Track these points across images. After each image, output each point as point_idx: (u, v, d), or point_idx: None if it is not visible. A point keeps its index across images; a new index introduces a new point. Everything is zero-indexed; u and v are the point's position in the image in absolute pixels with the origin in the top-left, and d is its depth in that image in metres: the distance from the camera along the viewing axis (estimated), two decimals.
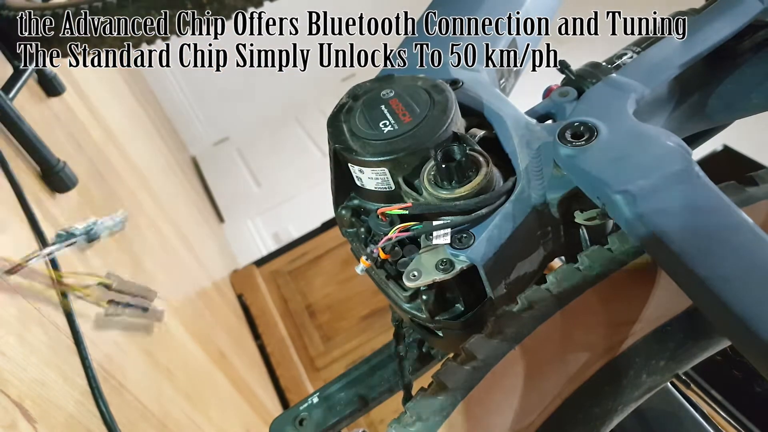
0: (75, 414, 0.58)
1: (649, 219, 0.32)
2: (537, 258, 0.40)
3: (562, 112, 0.42)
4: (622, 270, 0.37)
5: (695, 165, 0.33)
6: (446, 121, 0.37)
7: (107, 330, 0.74)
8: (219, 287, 1.68)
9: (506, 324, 0.36)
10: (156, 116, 1.92)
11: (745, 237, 0.30)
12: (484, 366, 0.35)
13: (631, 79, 0.41)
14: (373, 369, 0.54)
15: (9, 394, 0.49)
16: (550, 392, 0.34)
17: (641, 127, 0.36)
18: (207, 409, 0.99)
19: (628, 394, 0.34)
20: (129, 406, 0.70)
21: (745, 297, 0.28)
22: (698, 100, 0.47)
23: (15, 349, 0.52)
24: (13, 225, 0.64)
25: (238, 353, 1.48)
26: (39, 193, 0.74)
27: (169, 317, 1.03)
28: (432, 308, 0.39)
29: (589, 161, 0.35)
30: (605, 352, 0.35)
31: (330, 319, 1.90)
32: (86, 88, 1.16)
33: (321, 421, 0.52)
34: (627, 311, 0.35)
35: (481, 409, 0.34)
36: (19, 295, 0.57)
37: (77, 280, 0.65)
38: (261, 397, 1.47)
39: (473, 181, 0.37)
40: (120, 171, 1.15)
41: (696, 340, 0.35)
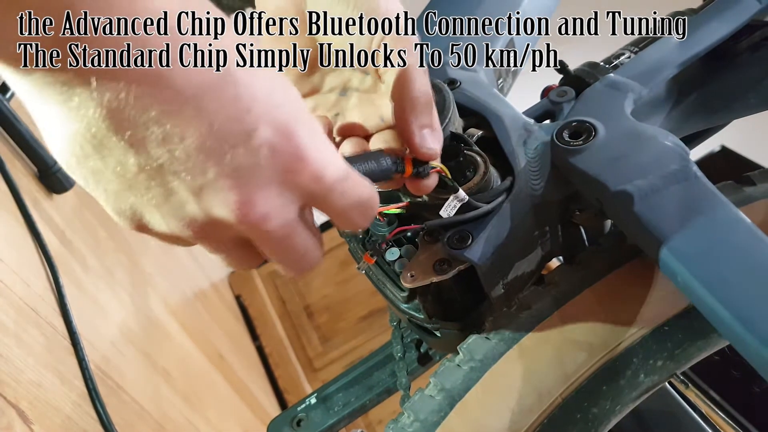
0: (72, 415, 0.57)
1: (647, 219, 0.32)
2: (535, 258, 0.40)
3: (560, 111, 0.42)
4: (620, 270, 0.37)
5: (693, 164, 0.33)
6: (444, 120, 0.37)
7: (104, 331, 0.74)
8: (217, 288, 1.68)
9: (505, 323, 0.36)
10: None
11: (743, 237, 0.30)
12: (481, 366, 0.35)
13: (628, 78, 0.41)
14: (372, 370, 0.54)
15: (5, 395, 0.48)
16: (548, 393, 0.34)
17: (639, 126, 0.36)
18: (205, 410, 0.98)
19: (626, 395, 0.34)
20: (126, 408, 0.69)
21: (742, 297, 0.28)
22: (696, 100, 0.47)
23: (12, 350, 0.52)
24: (10, 225, 0.64)
25: (236, 354, 1.48)
26: (36, 193, 0.74)
27: (167, 318, 1.03)
28: (430, 308, 0.39)
29: (587, 161, 0.35)
30: (603, 352, 0.35)
31: (328, 319, 1.90)
32: None
33: (319, 421, 0.52)
34: (625, 311, 0.35)
35: (479, 410, 0.34)
36: (17, 297, 0.57)
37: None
38: (259, 398, 1.47)
39: (471, 181, 0.37)
40: None
41: (694, 340, 0.35)
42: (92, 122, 0.22)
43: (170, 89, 0.22)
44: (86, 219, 0.85)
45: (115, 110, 0.22)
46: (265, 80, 0.25)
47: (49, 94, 0.22)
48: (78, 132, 0.22)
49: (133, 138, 0.22)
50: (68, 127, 0.23)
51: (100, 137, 0.22)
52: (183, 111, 0.22)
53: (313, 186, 0.25)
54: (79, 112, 0.22)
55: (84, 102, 0.22)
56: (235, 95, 0.23)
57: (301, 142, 0.24)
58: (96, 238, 0.86)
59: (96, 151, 0.23)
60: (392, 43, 0.32)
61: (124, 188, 0.24)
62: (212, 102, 0.23)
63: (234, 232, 0.25)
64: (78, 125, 0.22)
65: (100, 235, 0.88)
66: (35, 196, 0.73)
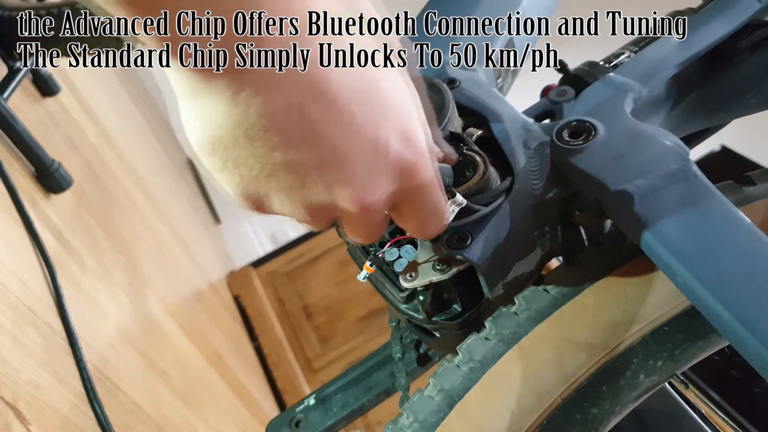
0: (70, 416, 0.57)
1: (647, 218, 0.32)
2: (534, 258, 0.40)
3: (560, 111, 0.42)
4: (620, 270, 0.36)
5: (693, 164, 0.33)
6: (443, 120, 0.37)
7: (102, 331, 0.74)
8: (215, 288, 1.67)
9: (505, 323, 0.36)
10: (152, 116, 1.92)
11: (743, 237, 0.30)
12: (480, 367, 0.35)
13: (628, 78, 0.40)
14: (371, 370, 0.54)
15: (3, 396, 0.48)
16: (548, 393, 0.34)
17: (639, 126, 0.36)
18: (203, 411, 0.98)
19: (626, 395, 0.34)
20: (124, 408, 0.69)
21: (742, 297, 0.28)
22: (696, 100, 0.47)
23: (9, 350, 0.52)
24: (7, 225, 0.64)
25: (235, 355, 1.47)
26: (33, 193, 0.74)
27: (165, 318, 1.02)
28: (429, 309, 0.39)
29: (587, 161, 0.35)
30: (603, 352, 0.34)
31: (327, 320, 1.90)
32: (82, 89, 1.16)
33: (317, 422, 0.52)
34: (625, 312, 0.35)
35: (478, 410, 0.34)
36: (14, 297, 0.57)
37: None
38: (257, 398, 1.46)
39: (470, 181, 0.36)
40: (115, 171, 1.14)
41: (694, 340, 0.35)
42: (252, 118, 0.23)
43: (328, 95, 0.23)
44: (84, 219, 0.85)
45: (275, 112, 0.23)
46: (399, 88, 0.26)
47: (214, 86, 0.23)
48: (235, 123, 0.23)
49: (286, 136, 0.24)
50: (224, 118, 0.23)
51: (255, 131, 0.23)
52: (337, 116, 0.24)
53: (414, 188, 0.28)
54: (241, 108, 0.23)
55: (245, 100, 0.23)
56: (379, 103, 0.25)
57: (419, 151, 0.27)
58: (94, 238, 0.86)
59: (248, 142, 0.24)
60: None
61: (262, 176, 0.25)
62: (361, 108, 0.24)
63: (339, 214, 0.28)
64: (237, 118, 0.23)
65: (98, 236, 0.88)
66: (33, 196, 0.73)
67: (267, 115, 0.23)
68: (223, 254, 2.13)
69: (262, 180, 0.25)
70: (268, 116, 0.23)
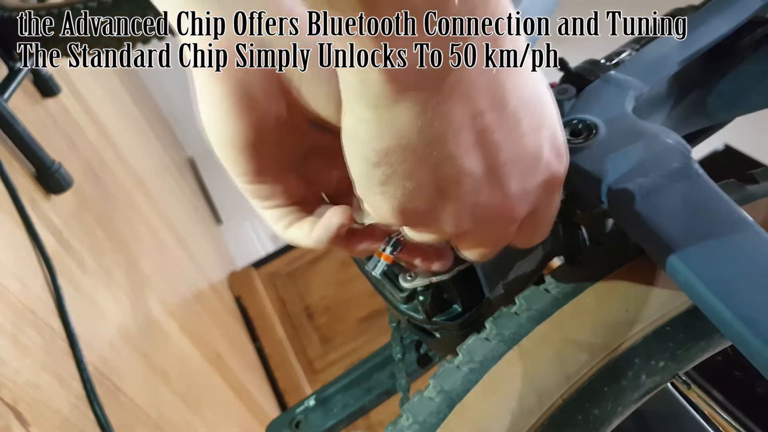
0: (70, 417, 0.57)
1: (648, 217, 0.31)
2: (535, 257, 0.40)
3: (561, 109, 0.41)
4: (621, 270, 0.36)
5: (695, 162, 0.33)
6: None
7: (102, 332, 0.74)
8: (216, 289, 1.67)
9: (506, 323, 0.36)
10: (152, 117, 1.92)
11: (746, 235, 0.29)
12: (481, 368, 0.35)
13: (629, 76, 0.40)
14: (371, 371, 0.53)
15: (3, 397, 0.48)
16: (549, 394, 0.34)
17: (640, 124, 0.36)
18: (203, 412, 0.98)
19: (627, 396, 0.34)
20: (124, 409, 0.69)
21: (745, 297, 0.28)
22: (697, 98, 0.47)
23: (9, 351, 0.52)
24: (7, 226, 0.64)
25: (236, 355, 1.47)
26: (34, 193, 0.74)
27: (166, 319, 1.02)
28: (429, 309, 0.39)
29: (588, 159, 0.35)
30: (604, 352, 0.34)
31: (328, 321, 1.90)
32: (82, 89, 1.16)
33: (318, 423, 0.52)
34: (626, 311, 0.35)
35: (478, 411, 0.34)
36: (14, 297, 0.57)
37: None
38: (258, 399, 1.46)
39: None
40: (116, 172, 1.14)
41: (696, 340, 0.34)
42: (436, 127, 0.22)
43: (503, 100, 0.22)
44: (84, 220, 0.85)
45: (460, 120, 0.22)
46: (549, 92, 0.25)
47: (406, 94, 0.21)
48: (419, 132, 0.22)
49: (459, 145, 0.23)
50: (407, 128, 0.22)
51: (436, 141, 0.22)
52: (506, 121, 0.23)
53: (548, 197, 0.27)
54: (428, 116, 0.21)
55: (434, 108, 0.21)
56: (539, 108, 0.24)
57: (564, 160, 0.26)
58: (94, 239, 0.86)
59: (426, 152, 0.22)
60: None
61: (432, 188, 0.24)
62: (526, 114, 0.23)
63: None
64: (420, 127, 0.22)
65: (98, 236, 0.88)
66: (33, 196, 0.73)
67: (451, 124, 0.22)
68: (224, 255, 2.13)
69: (427, 191, 0.24)
70: (451, 125, 0.22)
